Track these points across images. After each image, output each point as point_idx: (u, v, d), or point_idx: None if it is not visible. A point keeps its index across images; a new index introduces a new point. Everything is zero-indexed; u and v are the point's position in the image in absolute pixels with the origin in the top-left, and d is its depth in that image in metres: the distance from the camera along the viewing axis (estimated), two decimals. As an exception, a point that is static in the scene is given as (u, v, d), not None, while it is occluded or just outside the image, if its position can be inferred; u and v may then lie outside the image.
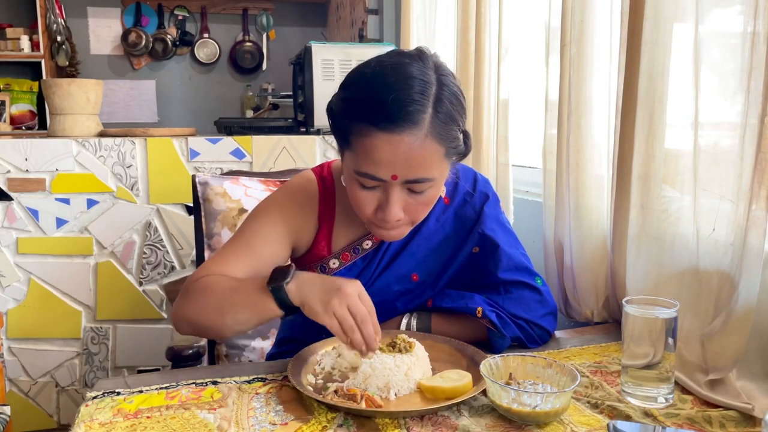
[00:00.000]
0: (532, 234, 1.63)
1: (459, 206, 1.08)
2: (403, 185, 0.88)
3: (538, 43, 1.54)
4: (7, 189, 1.99)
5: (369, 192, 0.90)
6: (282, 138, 2.16)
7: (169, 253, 2.12)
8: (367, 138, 0.85)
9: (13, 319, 2.05)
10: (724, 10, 0.98)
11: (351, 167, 0.89)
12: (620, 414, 0.80)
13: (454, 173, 1.10)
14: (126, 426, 0.77)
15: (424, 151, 0.85)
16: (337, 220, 1.05)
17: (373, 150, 0.84)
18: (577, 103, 1.25)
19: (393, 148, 0.84)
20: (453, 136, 0.88)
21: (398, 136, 0.83)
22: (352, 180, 0.91)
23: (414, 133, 0.83)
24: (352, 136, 0.87)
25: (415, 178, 0.87)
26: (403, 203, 0.90)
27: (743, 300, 0.86)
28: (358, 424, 0.78)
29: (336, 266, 1.05)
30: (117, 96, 3.98)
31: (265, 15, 4.13)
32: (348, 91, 0.90)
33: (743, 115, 0.88)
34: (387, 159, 0.84)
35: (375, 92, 0.85)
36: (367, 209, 0.91)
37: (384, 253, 1.06)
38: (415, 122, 0.83)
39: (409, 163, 0.85)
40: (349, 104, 0.88)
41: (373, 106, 0.84)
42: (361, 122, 0.85)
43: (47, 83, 2.18)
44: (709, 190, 0.98)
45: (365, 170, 0.86)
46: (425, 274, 1.06)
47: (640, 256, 1.09)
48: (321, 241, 1.05)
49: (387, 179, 0.87)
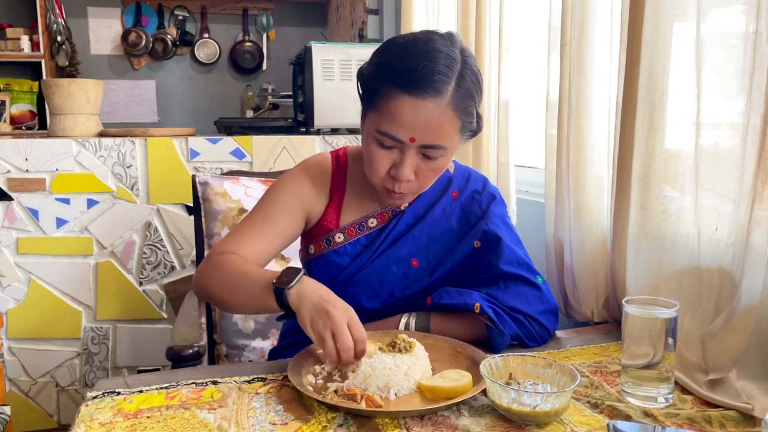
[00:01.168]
0: (533, 234, 1.63)
1: (467, 202, 1.12)
2: (418, 149, 0.96)
3: (539, 43, 1.54)
4: (7, 189, 1.99)
5: (385, 152, 0.97)
6: (282, 138, 2.16)
7: (169, 253, 2.12)
8: (393, 100, 0.93)
9: (13, 319, 2.05)
10: (725, 10, 0.98)
11: (372, 127, 0.97)
12: (620, 414, 0.80)
13: (467, 173, 1.15)
14: (126, 426, 0.77)
15: (443, 120, 0.93)
16: (346, 196, 1.12)
17: (397, 111, 0.92)
18: (578, 103, 1.25)
19: (416, 112, 0.92)
20: (470, 111, 0.96)
21: (422, 102, 0.91)
22: (371, 139, 0.98)
23: (437, 101, 0.92)
24: (379, 98, 0.95)
25: (431, 143, 0.94)
26: (415, 166, 0.97)
27: (745, 299, 0.86)
28: (358, 424, 0.78)
29: (341, 240, 1.10)
30: (117, 96, 3.98)
31: (265, 15, 4.13)
32: (381, 57, 0.98)
33: (745, 116, 0.88)
34: (409, 121, 0.92)
35: (406, 59, 0.93)
36: (380, 168, 0.98)
37: (387, 234, 1.09)
38: (439, 91, 0.91)
39: (428, 128, 0.93)
40: (380, 68, 0.96)
41: (403, 72, 0.92)
42: (389, 85, 0.93)
43: (47, 83, 2.18)
44: (710, 189, 0.98)
45: (386, 130, 0.94)
46: (425, 261, 1.09)
47: (640, 255, 1.09)
48: (330, 214, 1.11)
49: (405, 141, 0.94)
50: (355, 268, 1.09)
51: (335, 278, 1.08)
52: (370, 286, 1.08)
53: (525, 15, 1.77)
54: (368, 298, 1.08)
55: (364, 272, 1.08)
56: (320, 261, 1.11)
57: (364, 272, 1.08)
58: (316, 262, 1.11)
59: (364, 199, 1.11)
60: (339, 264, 1.09)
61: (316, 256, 1.11)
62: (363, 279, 1.08)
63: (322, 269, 1.10)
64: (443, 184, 1.13)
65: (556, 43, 1.36)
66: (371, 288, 1.08)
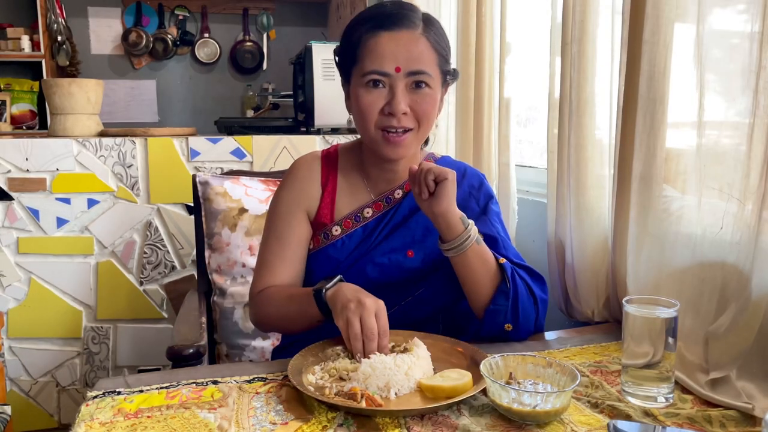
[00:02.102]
0: (534, 233, 1.63)
1: (463, 197, 1.14)
2: (406, 81, 1.02)
3: (541, 42, 1.54)
4: (7, 189, 1.99)
5: (376, 94, 1.03)
6: (282, 138, 2.16)
7: (169, 252, 2.12)
8: (372, 39, 1.02)
9: (13, 318, 2.05)
10: (725, 9, 0.98)
11: (359, 76, 1.04)
12: (620, 413, 0.80)
13: (462, 168, 1.17)
14: (126, 425, 0.77)
15: (420, 46, 1.03)
16: (339, 188, 1.14)
17: (378, 46, 1.02)
18: (578, 103, 1.24)
19: (395, 42, 1.02)
20: (443, 48, 1.06)
21: (398, 33, 1.02)
22: (359, 89, 1.04)
23: (411, 31, 1.03)
24: (359, 47, 1.03)
25: (416, 69, 1.02)
26: (407, 100, 1.02)
27: (755, 298, 0.86)
28: (358, 423, 0.78)
29: (338, 233, 1.12)
30: (117, 96, 3.98)
31: (265, 15, 4.13)
32: (352, 20, 1.08)
33: (751, 115, 0.88)
34: (390, 51, 1.01)
35: (375, 8, 1.06)
36: (374, 110, 1.03)
37: (384, 226, 1.11)
38: (411, 23, 1.03)
39: (410, 54, 1.01)
40: (358, 21, 1.07)
41: (376, 15, 1.04)
42: (366, 29, 1.03)
43: (48, 83, 2.18)
44: (713, 189, 0.98)
45: (372, 67, 1.02)
46: (422, 253, 1.10)
47: (641, 255, 1.09)
48: (324, 208, 1.13)
49: (391, 72, 1.01)
50: (352, 259, 1.10)
51: (333, 271, 1.09)
52: (367, 278, 1.09)
53: (526, 14, 1.76)
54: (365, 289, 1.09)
55: (360, 263, 1.10)
56: (319, 255, 1.12)
57: (360, 263, 1.10)
58: (315, 257, 1.13)
59: (357, 189, 1.14)
60: (336, 257, 1.11)
61: (315, 251, 1.13)
62: (360, 270, 1.09)
63: (321, 263, 1.12)
64: None
65: (557, 42, 1.36)
66: (368, 279, 1.09)
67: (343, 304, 0.92)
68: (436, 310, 1.14)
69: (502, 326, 1.03)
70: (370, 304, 0.91)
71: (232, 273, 1.62)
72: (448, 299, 1.11)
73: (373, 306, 0.91)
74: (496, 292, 1.02)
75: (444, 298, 1.11)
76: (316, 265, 1.12)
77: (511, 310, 1.02)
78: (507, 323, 1.03)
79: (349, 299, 0.92)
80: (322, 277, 1.03)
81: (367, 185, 1.15)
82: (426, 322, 1.11)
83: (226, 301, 1.61)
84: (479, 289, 1.02)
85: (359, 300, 0.91)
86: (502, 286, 1.02)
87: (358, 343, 0.89)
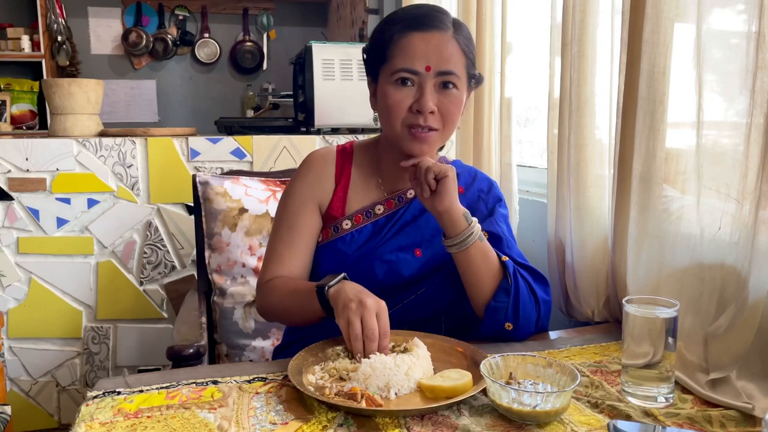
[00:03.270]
0: (534, 233, 1.63)
1: (473, 199, 1.15)
2: (435, 80, 1.03)
3: (541, 42, 1.54)
4: (7, 189, 1.99)
5: (405, 92, 1.04)
6: (282, 138, 2.16)
7: (169, 252, 2.12)
8: (404, 39, 1.04)
9: (13, 318, 2.05)
10: (725, 9, 0.98)
11: (389, 74, 1.05)
12: (620, 413, 0.80)
13: (473, 172, 1.20)
14: (126, 425, 0.77)
15: (451, 48, 1.04)
16: (352, 183, 1.15)
17: (409, 46, 1.03)
18: (578, 103, 1.24)
19: (426, 43, 1.03)
20: (471, 53, 1.08)
21: (430, 34, 1.03)
22: (388, 87, 1.05)
23: (442, 34, 1.04)
24: (390, 45, 1.05)
25: (445, 69, 1.03)
26: (435, 100, 1.03)
27: (752, 298, 0.86)
28: (358, 423, 0.78)
29: (348, 227, 1.13)
30: (117, 96, 3.98)
31: (265, 15, 4.13)
32: (384, 21, 1.10)
33: (748, 115, 0.88)
34: (422, 50, 1.03)
35: (407, 10, 1.09)
36: (402, 107, 1.04)
37: (394, 223, 1.12)
38: (441, 27, 1.04)
39: (440, 54, 1.03)
40: (390, 21, 1.08)
41: (408, 17, 1.06)
42: (398, 29, 1.05)
43: (48, 83, 2.18)
44: (711, 189, 0.98)
45: (402, 65, 1.03)
46: (429, 252, 1.11)
47: (641, 255, 1.09)
48: (336, 201, 1.14)
49: (421, 71, 1.02)
50: (360, 255, 1.10)
51: (340, 265, 1.10)
52: (372, 273, 1.09)
53: (527, 14, 1.77)
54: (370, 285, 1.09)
55: (368, 259, 1.10)
56: (327, 248, 1.13)
57: (368, 259, 1.10)
58: (323, 250, 1.13)
59: (370, 186, 1.15)
60: (345, 251, 1.11)
61: (323, 244, 1.13)
62: (367, 266, 1.10)
63: (329, 256, 1.12)
64: None
65: (557, 42, 1.36)
66: (375, 276, 1.09)
67: (345, 303, 0.92)
68: (438, 310, 1.14)
69: (503, 324, 1.03)
70: (372, 305, 0.91)
71: (232, 273, 1.62)
72: (449, 299, 1.11)
73: (374, 306, 0.91)
74: (498, 289, 1.02)
75: (445, 298, 1.11)
76: (324, 258, 1.13)
77: (512, 308, 1.02)
78: (507, 322, 1.03)
79: (350, 299, 0.92)
80: (329, 270, 1.03)
81: (380, 183, 1.15)
82: (428, 322, 1.11)
83: (226, 301, 1.61)
84: (481, 285, 1.03)
85: (361, 300, 0.91)
86: (503, 283, 1.03)
87: (359, 344, 0.89)
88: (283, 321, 1.17)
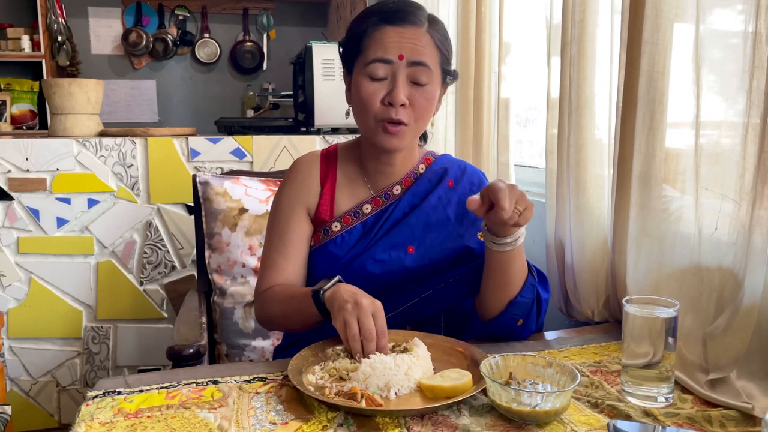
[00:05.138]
0: (533, 233, 1.63)
1: (464, 194, 1.14)
2: (408, 70, 1.03)
3: (540, 42, 1.54)
4: (7, 189, 1.99)
5: (377, 85, 1.04)
6: (282, 138, 2.16)
7: (169, 252, 2.12)
8: (378, 31, 1.04)
9: (13, 318, 2.05)
10: (725, 9, 0.98)
11: (362, 66, 1.05)
12: (620, 413, 0.80)
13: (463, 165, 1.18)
14: (126, 425, 0.77)
15: (425, 42, 1.04)
16: (338, 184, 1.15)
17: (383, 38, 1.04)
18: (578, 103, 1.24)
19: (399, 36, 1.04)
20: (446, 48, 1.08)
21: (403, 28, 1.04)
22: (361, 79, 1.05)
23: (416, 29, 1.04)
24: (366, 38, 1.05)
25: (418, 60, 1.03)
26: (407, 93, 1.03)
27: (748, 299, 0.86)
28: (358, 423, 0.78)
29: (338, 229, 1.13)
30: (117, 96, 3.98)
31: (265, 15, 4.13)
32: (364, 10, 1.10)
33: (745, 115, 0.88)
34: (395, 42, 1.03)
35: (386, 4, 1.08)
36: (374, 99, 1.04)
37: (384, 222, 1.12)
38: (416, 22, 1.05)
39: (414, 46, 1.03)
40: (365, 14, 1.08)
41: (383, 10, 1.06)
42: (373, 22, 1.05)
43: (48, 83, 2.18)
44: (710, 189, 0.98)
45: (375, 56, 1.03)
46: (422, 249, 1.11)
47: (641, 255, 1.09)
48: (323, 204, 1.14)
49: (394, 59, 1.03)
50: (352, 256, 1.10)
51: (333, 268, 1.10)
52: (366, 274, 1.09)
53: (525, 14, 1.77)
54: (365, 285, 1.09)
55: (361, 259, 1.10)
56: (320, 252, 1.13)
57: (361, 259, 1.10)
58: (315, 254, 1.13)
59: (356, 185, 1.15)
60: (337, 254, 1.11)
61: (315, 248, 1.13)
62: (360, 267, 1.09)
63: (322, 259, 1.12)
64: (439, 174, 1.15)
65: (556, 42, 1.36)
66: (369, 276, 1.09)
67: (340, 305, 0.92)
68: (439, 311, 1.14)
69: (517, 320, 1.04)
70: (367, 305, 0.91)
71: (232, 273, 1.62)
72: (453, 301, 1.11)
73: (369, 307, 0.91)
74: (525, 285, 1.02)
75: (449, 301, 1.11)
76: (317, 262, 1.13)
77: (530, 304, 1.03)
78: (521, 318, 1.03)
79: (346, 300, 0.92)
80: (324, 273, 1.03)
81: (366, 181, 1.15)
82: (427, 322, 1.11)
83: (226, 301, 1.61)
84: (513, 282, 1.01)
85: (356, 301, 0.91)
86: (530, 279, 1.03)
87: (357, 344, 0.89)
88: (282, 328, 1.17)
